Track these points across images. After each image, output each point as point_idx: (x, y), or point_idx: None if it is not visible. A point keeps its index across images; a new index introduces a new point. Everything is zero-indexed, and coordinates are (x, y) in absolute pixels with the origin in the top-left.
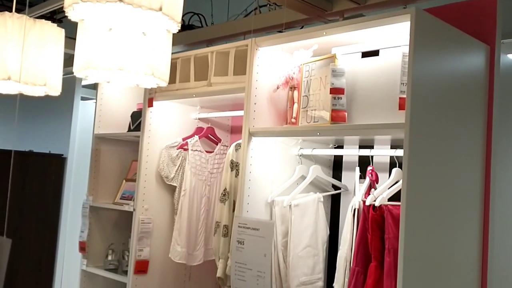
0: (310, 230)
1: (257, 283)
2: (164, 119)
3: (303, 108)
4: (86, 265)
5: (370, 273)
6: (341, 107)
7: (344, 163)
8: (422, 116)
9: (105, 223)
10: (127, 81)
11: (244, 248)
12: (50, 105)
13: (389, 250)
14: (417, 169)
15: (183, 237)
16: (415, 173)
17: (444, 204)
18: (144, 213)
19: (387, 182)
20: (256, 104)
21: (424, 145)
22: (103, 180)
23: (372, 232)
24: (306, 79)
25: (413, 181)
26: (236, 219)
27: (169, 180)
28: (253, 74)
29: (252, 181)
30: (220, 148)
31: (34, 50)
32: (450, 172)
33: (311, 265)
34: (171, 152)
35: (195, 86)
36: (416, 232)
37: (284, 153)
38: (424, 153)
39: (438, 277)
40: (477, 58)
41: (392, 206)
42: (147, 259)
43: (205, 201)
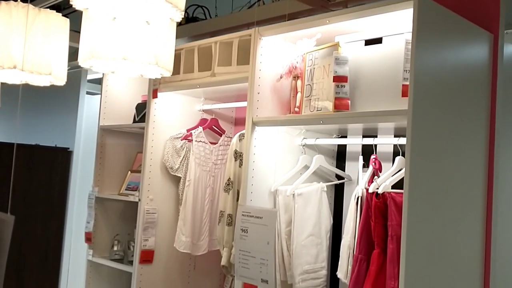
0: (313, 219)
1: (260, 270)
2: (169, 110)
3: (306, 97)
4: (92, 255)
5: (373, 260)
6: (344, 95)
7: (347, 153)
8: (425, 103)
9: (110, 214)
10: (131, 71)
11: (248, 236)
12: (56, 99)
13: (392, 237)
14: (420, 156)
15: (187, 227)
16: (418, 160)
17: (447, 192)
18: (149, 203)
19: (390, 170)
20: (260, 94)
21: (427, 132)
22: (108, 171)
23: (375, 220)
24: (309, 68)
25: (416, 168)
26: (240, 208)
27: (174, 171)
28: (257, 63)
29: (255, 171)
30: (224, 139)
31: (39, 39)
32: (453, 161)
33: (315, 253)
34: (176, 143)
35: (199, 77)
36: (419, 219)
37: (288, 143)
38: (427, 141)
39: (440, 264)
40: (480, 46)
41: (395, 193)
42: (152, 249)
43: (210, 191)
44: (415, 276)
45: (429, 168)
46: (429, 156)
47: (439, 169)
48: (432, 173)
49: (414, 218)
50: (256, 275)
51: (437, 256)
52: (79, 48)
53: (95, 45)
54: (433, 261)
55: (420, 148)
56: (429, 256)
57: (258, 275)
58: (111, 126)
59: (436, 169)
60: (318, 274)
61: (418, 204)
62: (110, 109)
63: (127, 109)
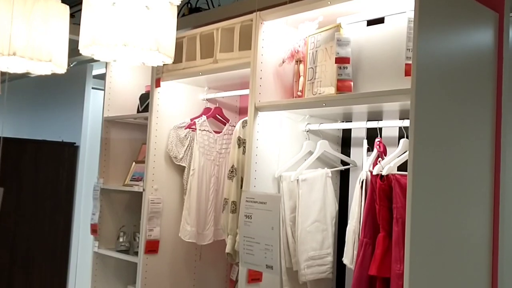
0: (318, 205)
1: (265, 256)
2: (172, 100)
3: (309, 80)
4: (97, 247)
5: (378, 244)
6: (347, 76)
7: (352, 139)
8: (428, 82)
9: (116, 205)
10: (133, 59)
11: (252, 222)
12: (62, 95)
13: (397, 219)
14: (424, 136)
15: (192, 216)
16: (422, 140)
17: (452, 173)
18: (154, 193)
19: (395, 152)
20: (262, 79)
21: (431, 112)
22: (113, 163)
23: (380, 202)
24: (311, 51)
25: (420, 148)
26: (244, 194)
27: (178, 161)
28: (258, 48)
29: (259, 157)
30: (228, 128)
31: (39, 25)
32: (458, 142)
33: (320, 240)
34: (179, 133)
35: (201, 64)
36: (424, 200)
37: (291, 129)
38: (431, 121)
39: (446, 246)
40: (485, 25)
41: (400, 175)
42: (157, 239)
43: (214, 181)
44: (421, 259)
45: (433, 149)
46: (434, 136)
47: (444, 151)
48: (436, 155)
49: (419, 200)
50: (261, 261)
51: (442, 238)
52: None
53: (95, 31)
54: (438, 243)
55: (424, 128)
56: (435, 238)
57: (263, 261)
58: (115, 117)
59: (441, 151)
60: (324, 261)
61: (423, 185)
62: (114, 100)
63: (131, 100)
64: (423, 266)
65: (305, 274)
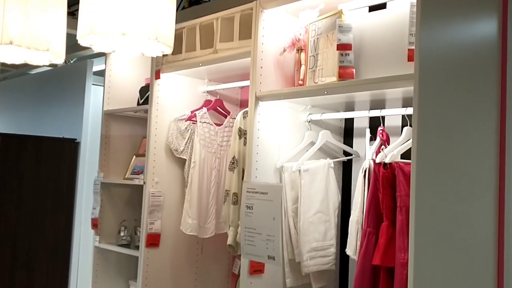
0: (321, 195)
1: (266, 246)
2: (172, 92)
3: (310, 68)
4: (98, 241)
5: (382, 233)
6: (349, 63)
7: (354, 130)
8: (432, 67)
9: (117, 200)
10: (132, 49)
11: (253, 213)
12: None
13: (401, 208)
14: (427, 122)
15: (194, 209)
16: (426, 127)
17: (456, 162)
18: (155, 186)
19: (398, 140)
20: (263, 68)
21: (434, 98)
22: (113, 157)
23: (383, 191)
24: (312, 38)
25: (423, 135)
26: (245, 184)
27: (179, 153)
28: (259, 37)
29: (260, 147)
30: (229, 120)
31: (36, 13)
32: (462, 129)
33: (323, 231)
34: (180, 125)
35: (201, 55)
36: (428, 188)
37: (293, 119)
38: (435, 106)
39: (451, 234)
40: (489, 11)
41: (403, 163)
42: (158, 232)
43: (215, 173)
44: (425, 248)
45: (437, 136)
46: (437, 123)
47: (448, 138)
48: (440, 142)
49: (423, 187)
50: (263, 252)
51: (447, 227)
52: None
53: (93, 20)
54: (443, 231)
55: (427, 114)
56: (439, 226)
57: (265, 251)
58: (115, 110)
59: (445, 138)
60: (326, 252)
61: (427, 173)
62: (113, 94)
63: (131, 93)
64: (427, 255)
65: (308, 266)
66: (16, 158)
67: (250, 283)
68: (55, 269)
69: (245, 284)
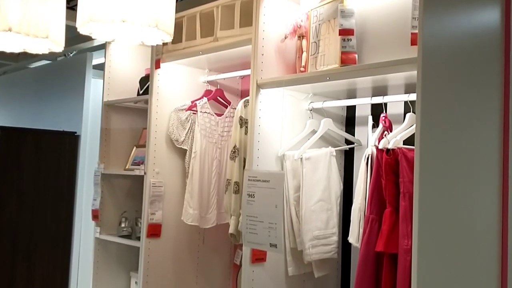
0: (323, 184)
1: (268, 234)
2: (173, 82)
3: (312, 55)
4: (99, 232)
5: (385, 219)
6: (351, 49)
7: (357, 118)
8: (435, 50)
9: (117, 191)
10: (132, 38)
11: (255, 201)
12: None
13: (404, 194)
14: (431, 107)
15: (195, 199)
16: (429, 112)
17: (460, 147)
18: (155, 176)
19: (401, 127)
20: (264, 56)
21: (438, 82)
22: (114, 148)
23: (386, 177)
24: (314, 24)
25: (427, 120)
26: (246, 172)
27: (179, 144)
28: (260, 24)
29: (261, 135)
30: (230, 111)
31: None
32: (466, 114)
33: (325, 219)
34: (180, 115)
35: (202, 43)
36: (431, 174)
37: (294, 107)
38: (438, 92)
39: (455, 220)
40: None
41: (407, 149)
42: (159, 223)
43: (216, 164)
44: (429, 234)
45: (441, 121)
46: (441, 109)
47: (452, 124)
48: (444, 128)
49: (427, 173)
50: (265, 240)
51: (451, 213)
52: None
53: (93, 8)
54: (447, 217)
55: (431, 99)
56: (443, 212)
57: (267, 239)
58: (115, 101)
59: (449, 124)
60: (328, 240)
61: (431, 158)
62: (113, 84)
63: (131, 84)
64: (431, 241)
65: (310, 254)
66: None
67: (252, 271)
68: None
69: (247, 273)
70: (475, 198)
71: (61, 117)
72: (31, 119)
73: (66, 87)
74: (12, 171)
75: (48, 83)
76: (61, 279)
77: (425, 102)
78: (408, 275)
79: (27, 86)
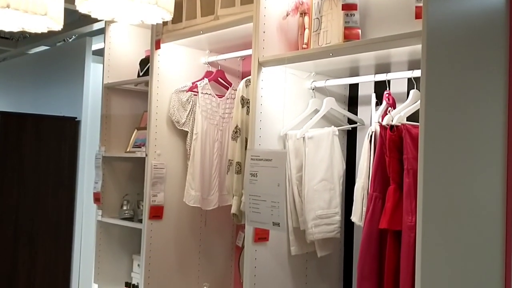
0: (325, 163)
1: (271, 213)
2: (173, 63)
3: (314, 31)
4: (101, 215)
5: (389, 196)
6: (354, 24)
7: (359, 98)
8: (440, 23)
9: (119, 174)
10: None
11: (258, 180)
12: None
13: (408, 170)
14: (436, 80)
15: (196, 181)
16: (434, 86)
17: (465, 123)
18: (157, 158)
19: (405, 103)
20: (265, 33)
21: (443, 57)
22: (114, 131)
23: (390, 154)
24: (316, 0)
25: (432, 94)
26: (249, 152)
27: (180, 125)
28: (261, 1)
29: (263, 115)
30: (231, 92)
31: None
32: (471, 89)
33: (327, 199)
34: (181, 96)
35: (202, 22)
36: (436, 150)
37: (296, 86)
38: (443, 65)
39: (459, 197)
40: None
41: (411, 125)
42: (161, 205)
43: (218, 145)
44: (433, 210)
45: (446, 97)
46: (446, 82)
47: (456, 99)
48: (449, 103)
49: (431, 149)
50: (268, 219)
51: (455, 189)
52: None
53: None
54: (451, 193)
55: (435, 72)
56: (447, 188)
57: (270, 218)
58: (115, 83)
59: (453, 99)
60: (331, 220)
61: (435, 134)
62: (113, 67)
63: (131, 67)
64: (436, 217)
65: (313, 233)
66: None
67: (254, 250)
68: (58, 247)
69: (249, 252)
70: (479, 174)
71: (62, 102)
72: (31, 105)
73: (66, 72)
74: (13, 157)
75: (48, 69)
76: (64, 263)
77: (429, 76)
78: (412, 252)
79: (27, 72)
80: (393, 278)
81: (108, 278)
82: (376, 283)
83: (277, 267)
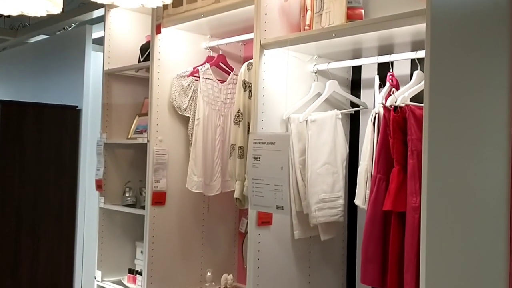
0: (328, 146)
1: (275, 197)
2: (174, 48)
3: (316, 13)
4: (103, 202)
5: (393, 178)
6: (357, 4)
7: (362, 81)
8: (444, 0)
9: (121, 160)
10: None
11: (261, 164)
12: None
13: (412, 152)
14: (440, 60)
15: (199, 167)
16: (439, 65)
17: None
18: (159, 144)
19: (409, 84)
20: (267, 15)
21: (447, 36)
22: (116, 117)
23: (394, 135)
24: None
25: (436, 73)
26: (251, 136)
27: (182, 111)
28: None
29: (265, 98)
30: (233, 77)
31: None
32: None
33: (331, 182)
34: (183, 82)
35: (203, 5)
36: (441, 130)
37: (299, 69)
38: (448, 45)
39: (463, 177)
40: None
41: (415, 106)
42: (164, 191)
43: (220, 131)
44: (438, 190)
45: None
46: (450, 62)
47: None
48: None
49: (435, 130)
50: (271, 202)
51: (459, 170)
52: None
53: None
54: (455, 174)
55: (440, 52)
56: (451, 169)
57: (273, 201)
58: (115, 69)
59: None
60: (334, 204)
61: (439, 115)
62: (114, 53)
63: (132, 52)
64: (440, 198)
65: (316, 217)
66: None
67: (258, 234)
68: (61, 235)
69: (253, 236)
70: (484, 155)
71: (62, 91)
72: (31, 94)
73: (66, 61)
74: (14, 146)
75: (48, 58)
76: (67, 250)
77: (434, 55)
78: (417, 233)
79: (27, 61)
80: (397, 259)
81: (111, 265)
82: (380, 265)
83: (281, 251)
